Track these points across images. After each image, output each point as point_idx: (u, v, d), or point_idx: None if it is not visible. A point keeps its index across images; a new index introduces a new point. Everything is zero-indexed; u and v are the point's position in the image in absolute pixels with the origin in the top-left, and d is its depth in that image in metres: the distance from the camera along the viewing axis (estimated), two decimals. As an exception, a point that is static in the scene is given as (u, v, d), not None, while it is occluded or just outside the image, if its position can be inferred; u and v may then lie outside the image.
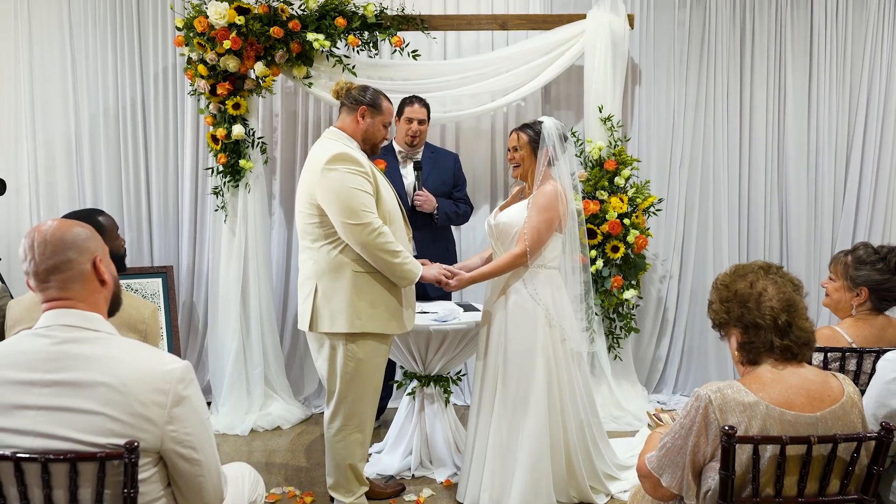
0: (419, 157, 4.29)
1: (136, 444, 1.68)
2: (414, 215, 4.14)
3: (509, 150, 3.45)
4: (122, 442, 1.69)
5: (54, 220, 1.84)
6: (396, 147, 4.32)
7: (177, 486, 1.83)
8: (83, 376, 1.69)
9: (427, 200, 4.15)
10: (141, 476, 1.73)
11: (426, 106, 4.23)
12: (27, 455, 1.67)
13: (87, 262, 1.80)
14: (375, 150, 3.28)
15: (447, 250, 4.29)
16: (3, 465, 1.69)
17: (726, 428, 1.83)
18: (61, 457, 1.67)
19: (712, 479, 1.91)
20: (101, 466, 1.69)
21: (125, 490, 1.71)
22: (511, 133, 3.47)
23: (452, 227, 4.49)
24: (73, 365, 1.70)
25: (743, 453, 1.87)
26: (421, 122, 4.19)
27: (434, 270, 3.26)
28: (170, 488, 1.84)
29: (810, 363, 2.04)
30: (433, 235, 4.24)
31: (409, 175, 4.24)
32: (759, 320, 1.95)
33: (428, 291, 4.04)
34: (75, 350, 1.72)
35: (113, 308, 1.91)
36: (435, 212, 4.20)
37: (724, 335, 2.08)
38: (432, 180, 4.27)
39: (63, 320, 1.76)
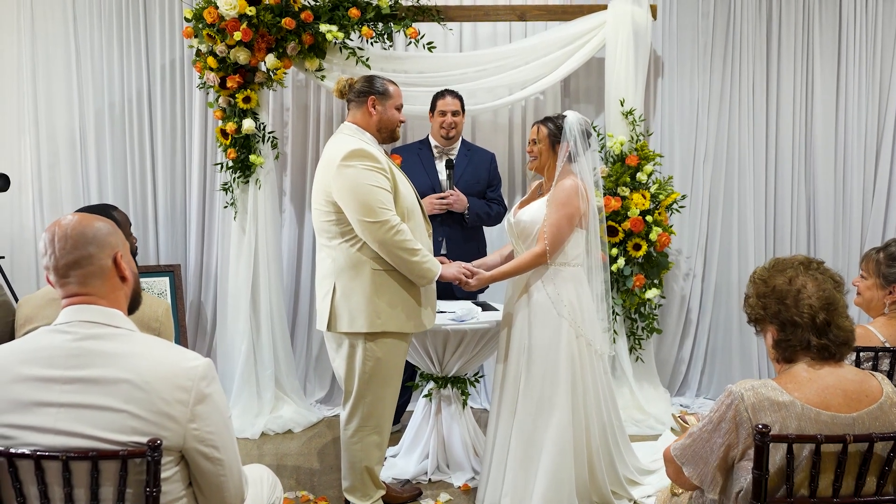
0: (454, 153, 4.24)
1: (158, 442, 1.67)
2: (445, 214, 4.12)
3: (529, 143, 3.40)
4: (144, 440, 1.67)
5: (74, 215, 1.82)
6: (433, 142, 4.27)
7: (198, 485, 1.81)
8: (105, 373, 1.68)
9: (458, 200, 4.10)
10: (163, 475, 1.71)
11: (459, 98, 4.20)
12: (48, 453, 1.65)
13: (108, 257, 1.79)
14: (395, 135, 3.24)
15: (478, 250, 4.22)
16: (24, 464, 1.67)
17: (760, 426, 1.80)
18: (83, 455, 1.65)
19: (744, 478, 1.88)
20: (122, 465, 1.67)
21: (147, 489, 1.70)
22: (533, 125, 3.42)
23: (484, 228, 4.41)
24: (94, 361, 1.69)
25: (777, 453, 1.84)
26: (455, 113, 4.16)
27: (453, 269, 3.23)
28: (191, 488, 1.82)
29: None
30: (464, 235, 4.20)
31: (444, 171, 4.19)
32: (797, 318, 1.91)
33: (454, 291, 3.97)
34: (97, 346, 1.71)
35: (133, 305, 1.89)
36: (465, 212, 4.14)
37: (760, 331, 2.04)
38: (466, 178, 4.21)
39: (84, 316, 1.74)
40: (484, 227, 4.41)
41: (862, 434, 1.82)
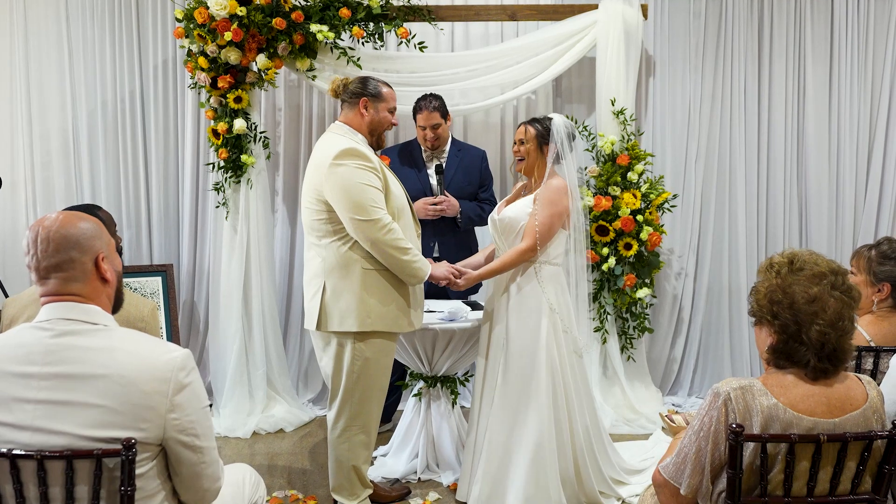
0: (444, 157, 4.21)
1: (133, 441, 1.67)
2: (438, 219, 4.10)
3: (515, 143, 3.40)
4: (122, 434, 1.68)
5: (58, 214, 1.81)
6: (422, 146, 4.24)
7: (178, 474, 1.82)
8: (82, 369, 1.68)
9: (450, 206, 4.08)
10: (139, 471, 1.72)
11: (438, 108, 4.07)
12: (23, 452, 1.67)
13: (90, 261, 1.78)
14: (382, 141, 3.22)
15: (470, 253, 4.13)
16: None
17: (734, 426, 1.80)
18: (57, 454, 1.66)
19: (724, 480, 1.88)
20: (97, 464, 1.68)
21: (122, 488, 1.71)
22: (519, 125, 3.43)
23: (476, 231, 4.37)
24: (71, 357, 1.70)
25: (756, 456, 1.84)
26: (434, 127, 4.07)
27: (442, 269, 3.26)
28: (168, 482, 1.83)
29: None
30: (456, 239, 4.19)
31: (434, 175, 4.16)
32: (805, 337, 1.85)
33: (447, 292, 3.97)
34: (74, 342, 1.71)
35: (116, 305, 1.89)
36: (458, 216, 4.13)
37: (758, 324, 1.96)
38: (458, 180, 4.19)
39: (63, 314, 1.74)
40: (476, 231, 4.39)
41: (836, 434, 1.81)
